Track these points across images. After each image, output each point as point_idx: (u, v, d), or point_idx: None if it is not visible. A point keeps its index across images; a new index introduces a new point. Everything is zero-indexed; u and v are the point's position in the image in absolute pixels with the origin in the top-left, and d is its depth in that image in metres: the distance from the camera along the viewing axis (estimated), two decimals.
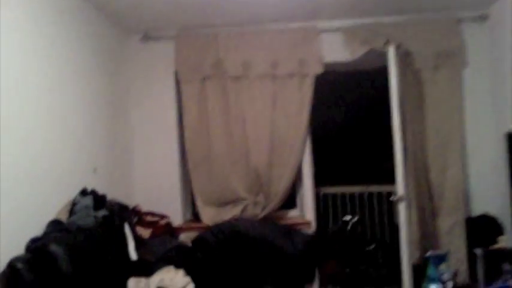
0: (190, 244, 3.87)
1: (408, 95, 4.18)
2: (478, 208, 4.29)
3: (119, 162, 4.21)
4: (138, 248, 3.42)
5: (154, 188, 4.40)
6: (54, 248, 2.61)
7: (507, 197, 4.05)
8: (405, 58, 4.20)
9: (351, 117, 5.92)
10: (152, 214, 4.23)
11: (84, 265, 2.71)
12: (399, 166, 3.80)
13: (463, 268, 4.10)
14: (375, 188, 5.63)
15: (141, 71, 4.48)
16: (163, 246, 3.58)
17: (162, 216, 4.27)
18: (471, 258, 4.12)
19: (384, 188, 5.53)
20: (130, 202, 4.05)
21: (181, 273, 3.22)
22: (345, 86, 5.55)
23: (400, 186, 3.79)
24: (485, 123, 4.29)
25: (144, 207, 4.23)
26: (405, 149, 3.94)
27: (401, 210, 3.77)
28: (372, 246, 5.46)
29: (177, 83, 4.46)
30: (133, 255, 3.34)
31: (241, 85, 4.37)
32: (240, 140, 4.39)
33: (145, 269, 3.30)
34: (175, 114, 4.48)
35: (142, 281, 3.10)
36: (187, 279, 3.14)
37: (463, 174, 4.24)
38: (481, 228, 4.16)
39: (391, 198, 4.11)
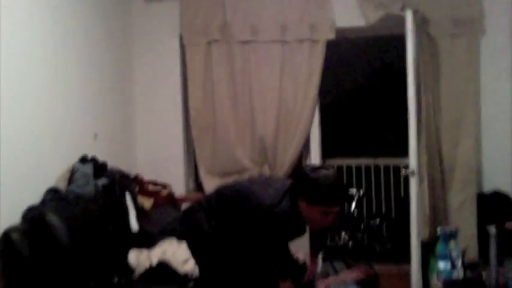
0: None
1: (423, 65, 3.99)
2: (490, 184, 4.15)
3: (120, 129, 4.06)
4: (139, 218, 3.31)
5: (157, 157, 4.26)
6: (51, 217, 2.49)
7: None
8: (422, 25, 3.98)
9: (362, 86, 5.73)
10: (154, 183, 4.09)
11: (83, 236, 2.60)
12: (412, 139, 3.63)
13: (473, 246, 3.98)
14: (382, 161, 5.48)
15: (145, 33, 4.27)
16: (165, 217, 3.46)
17: (164, 186, 4.14)
18: (481, 236, 4.02)
19: (392, 161, 5.40)
20: (132, 171, 3.91)
21: (183, 246, 3.09)
22: (358, 54, 5.33)
23: (412, 160, 3.63)
24: (502, 95, 4.11)
25: (146, 177, 4.09)
26: (419, 121, 3.78)
27: (413, 185, 3.63)
28: (377, 221, 5.39)
29: (182, 47, 4.26)
30: (134, 226, 3.23)
31: (249, 50, 4.17)
32: (246, 108, 4.22)
33: (147, 240, 3.19)
34: (180, 80, 4.30)
35: (144, 252, 2.99)
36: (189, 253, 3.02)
37: (476, 149, 4.09)
38: (493, 205, 4.03)
39: (402, 173, 3.96)
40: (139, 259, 2.93)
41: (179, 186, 4.26)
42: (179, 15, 4.19)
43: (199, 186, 4.41)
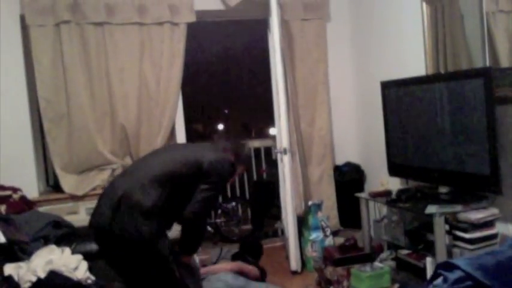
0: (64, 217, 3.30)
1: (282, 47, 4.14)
2: (342, 158, 4.55)
3: None
4: (3, 227, 2.80)
5: (3, 156, 3.65)
6: None
7: (368, 147, 4.38)
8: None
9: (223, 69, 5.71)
10: (2, 188, 3.52)
11: None
12: (283, 118, 3.77)
13: (334, 214, 4.33)
14: None
15: None
16: (34, 223, 2.99)
17: (14, 190, 3.58)
18: (340, 204, 4.38)
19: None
20: None
21: (67, 251, 2.73)
22: (218, 37, 5.30)
23: (284, 138, 3.77)
24: (346, 76, 4.52)
25: None
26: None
27: (286, 163, 3.77)
28: (232, 204, 5.48)
29: (25, 28, 3.71)
30: (0, 237, 2.71)
31: (104, 33, 3.84)
32: (103, 96, 3.89)
33: (19, 251, 2.72)
34: (24, 67, 3.75)
35: (23, 266, 2.54)
36: (79, 256, 2.67)
37: (329, 126, 4.42)
38: (347, 174, 4.42)
39: (275, 151, 4.08)
40: (19, 274, 2.48)
41: (31, 188, 3.73)
42: None
43: (55, 186, 3.92)
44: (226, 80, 6.04)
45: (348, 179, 4.40)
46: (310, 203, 3.98)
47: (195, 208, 2.29)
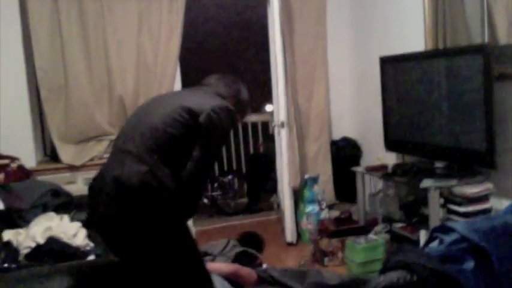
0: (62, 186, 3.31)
1: (281, 23, 4.12)
2: (338, 133, 4.57)
3: None
4: (2, 195, 2.83)
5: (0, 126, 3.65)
6: None
7: (365, 122, 4.40)
8: None
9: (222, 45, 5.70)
10: None
11: None
12: (281, 93, 3.78)
13: (329, 188, 4.37)
14: None
15: None
16: (31, 192, 3.01)
17: (12, 159, 3.59)
18: (336, 179, 4.42)
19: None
20: None
21: (66, 219, 2.76)
22: (218, 12, 5.26)
23: (282, 112, 3.79)
24: (342, 54, 4.51)
25: None
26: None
27: (283, 136, 3.79)
28: (229, 177, 5.52)
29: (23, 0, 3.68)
30: None
31: (102, 5, 3.80)
32: (101, 68, 3.88)
33: (17, 218, 2.75)
34: (21, 37, 3.72)
35: (22, 232, 2.57)
36: (77, 224, 2.70)
37: (327, 102, 4.43)
38: (344, 149, 4.46)
39: (272, 125, 4.10)
40: (18, 240, 2.51)
41: (29, 157, 3.74)
42: None
43: (53, 155, 3.93)
44: (224, 55, 6.00)
45: (345, 154, 4.43)
46: (306, 176, 4.02)
47: (192, 169, 1.89)
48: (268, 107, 6.29)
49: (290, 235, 3.86)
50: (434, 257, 1.93)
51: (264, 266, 3.01)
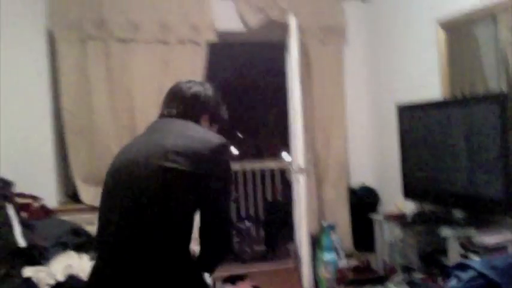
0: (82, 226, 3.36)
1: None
2: (357, 180, 4.57)
3: None
4: (25, 232, 2.87)
5: (24, 165, 3.74)
6: None
7: (382, 169, 4.41)
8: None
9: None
10: (22, 195, 3.60)
11: None
12: (300, 138, 3.84)
13: (347, 236, 4.33)
14: (248, 165, 5.65)
15: (10, 26, 3.74)
16: (52, 230, 3.06)
17: (35, 198, 3.66)
18: (354, 227, 4.39)
19: (259, 165, 5.62)
20: None
21: (85, 258, 2.79)
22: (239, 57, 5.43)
23: (300, 158, 3.82)
24: (361, 99, 4.58)
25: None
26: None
27: (302, 182, 3.81)
28: (246, 224, 5.52)
29: (52, 43, 3.85)
30: (20, 241, 2.79)
31: (128, 49, 3.95)
32: (125, 110, 3.98)
33: (38, 256, 2.79)
34: (48, 80, 3.87)
35: (43, 270, 2.61)
36: None
37: (345, 148, 4.47)
38: (362, 198, 4.45)
39: (290, 169, 4.13)
40: (38, 277, 2.54)
41: (50, 198, 3.81)
42: (46, 7, 3.80)
43: (73, 196, 3.99)
44: (241, 99, 6.13)
45: (363, 201, 4.42)
46: (324, 223, 4.01)
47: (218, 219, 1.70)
48: (285, 155, 6.35)
49: (307, 284, 3.81)
50: None
51: None
